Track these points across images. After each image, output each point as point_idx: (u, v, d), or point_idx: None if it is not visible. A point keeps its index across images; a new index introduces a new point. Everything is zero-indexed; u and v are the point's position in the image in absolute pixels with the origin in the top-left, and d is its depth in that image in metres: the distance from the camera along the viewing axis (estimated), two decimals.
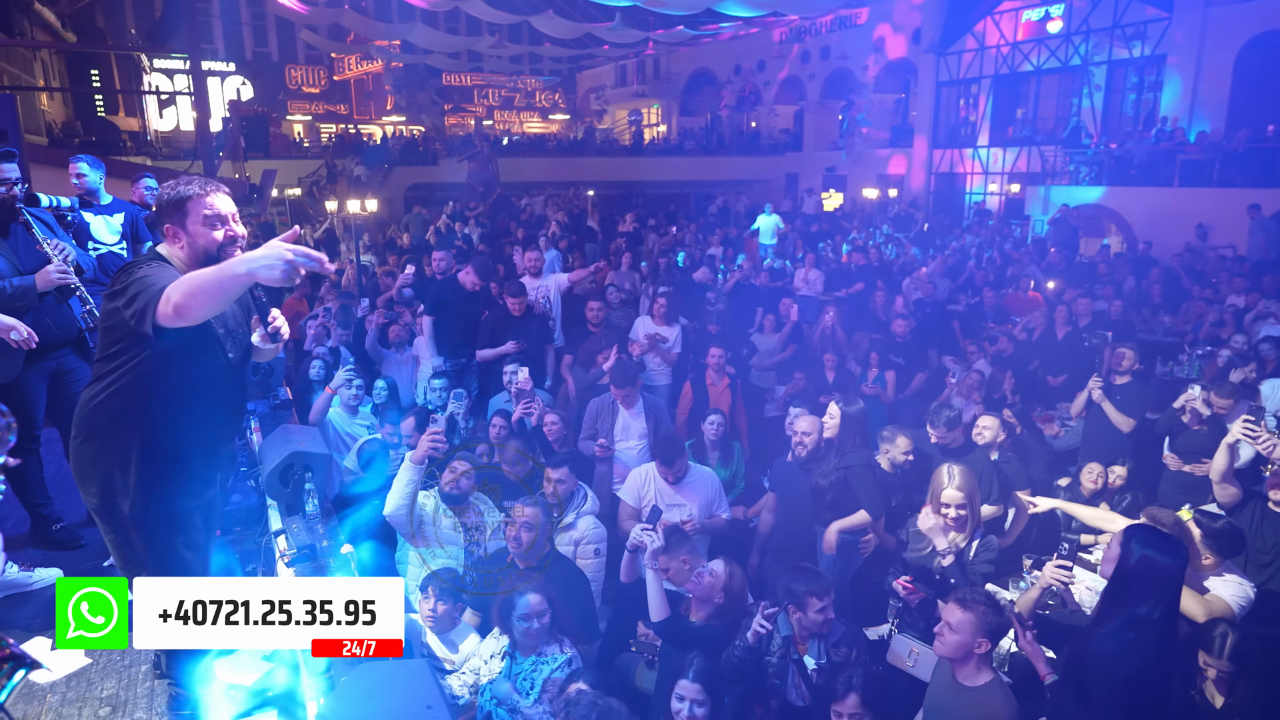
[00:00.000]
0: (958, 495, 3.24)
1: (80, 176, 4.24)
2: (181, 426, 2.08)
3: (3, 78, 20.17)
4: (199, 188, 2.14)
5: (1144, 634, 2.35)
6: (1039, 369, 7.60)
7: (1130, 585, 2.43)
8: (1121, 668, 2.35)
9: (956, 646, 2.52)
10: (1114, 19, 17.33)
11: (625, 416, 4.70)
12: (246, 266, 1.74)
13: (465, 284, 5.95)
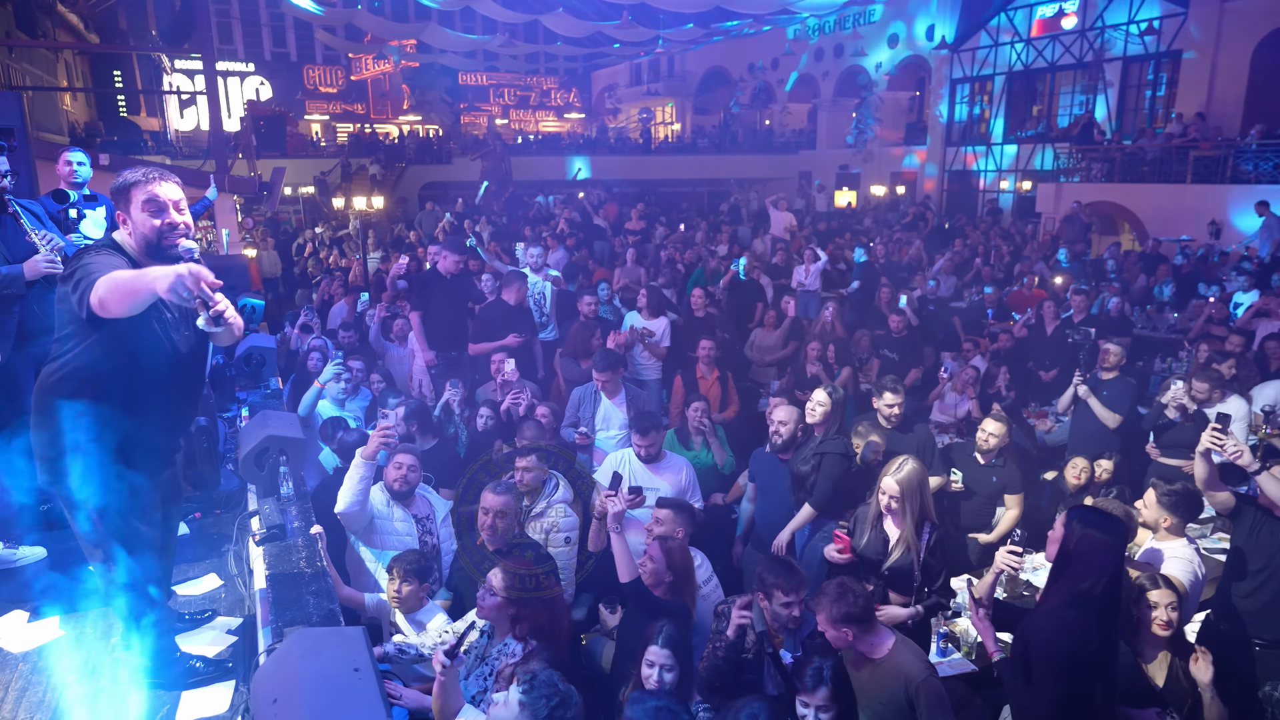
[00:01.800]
0: (893, 488, 3.26)
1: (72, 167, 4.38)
2: (131, 407, 2.17)
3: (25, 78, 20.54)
4: (142, 175, 2.22)
5: (1086, 612, 2.39)
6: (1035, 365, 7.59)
7: (1072, 563, 2.46)
8: (1062, 645, 2.38)
9: (835, 640, 2.62)
10: (1129, 14, 17.15)
11: (607, 405, 4.77)
12: (154, 279, 1.86)
13: (444, 271, 6.02)
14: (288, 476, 3.22)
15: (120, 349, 2.13)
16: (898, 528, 3.27)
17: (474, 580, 3.10)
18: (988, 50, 20.40)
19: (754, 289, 8.88)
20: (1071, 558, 2.47)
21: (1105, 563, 2.43)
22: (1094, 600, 2.40)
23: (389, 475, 3.58)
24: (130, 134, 24.50)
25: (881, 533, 3.33)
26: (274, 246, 14.20)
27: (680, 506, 3.49)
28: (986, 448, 4.58)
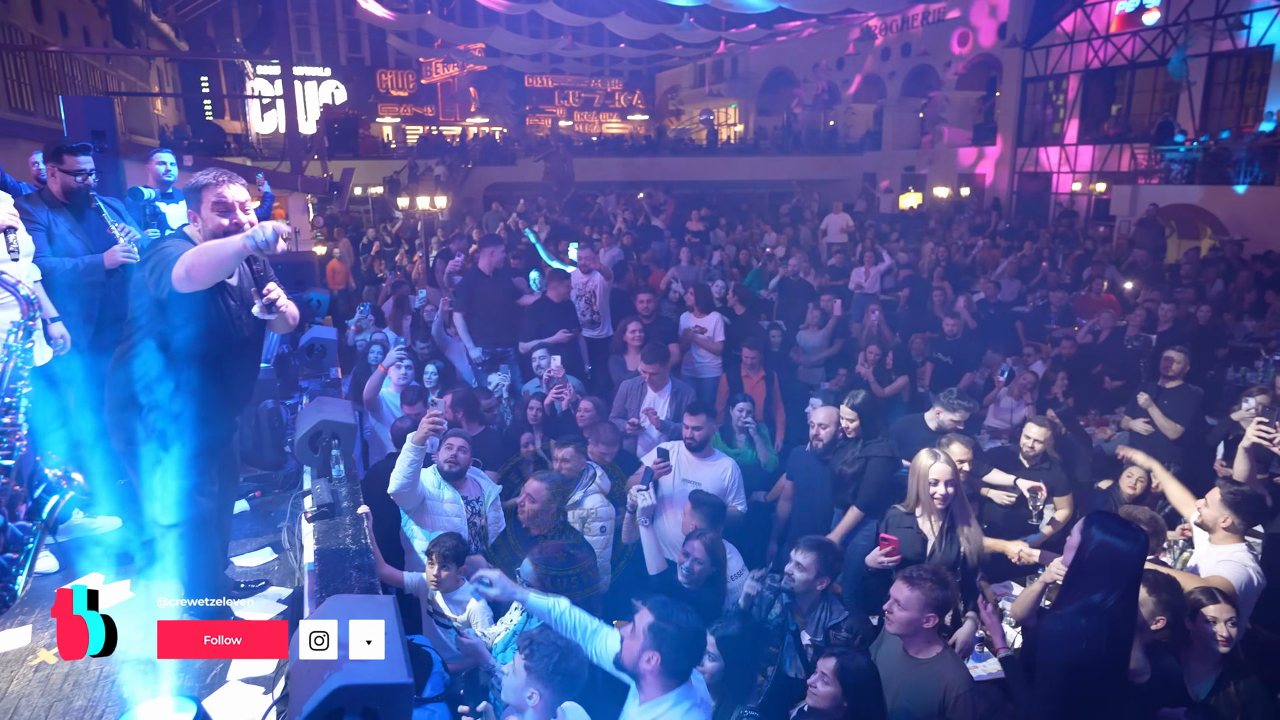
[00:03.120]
0: (945, 472, 3.23)
1: (166, 167, 4.75)
2: (195, 385, 2.36)
3: (121, 84, 21.82)
4: (212, 178, 2.44)
5: (1097, 621, 2.32)
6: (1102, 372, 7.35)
7: (1087, 572, 2.40)
8: (1066, 652, 2.33)
9: (905, 623, 2.58)
10: (1216, 8, 16.35)
11: (653, 397, 4.86)
12: (236, 238, 2.05)
13: (485, 268, 6.18)
14: (339, 459, 3.40)
15: (188, 332, 2.33)
16: (941, 520, 3.25)
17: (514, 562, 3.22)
18: (1063, 48, 19.74)
19: (805, 289, 8.83)
20: (1087, 566, 2.41)
21: (1121, 573, 2.36)
22: (1106, 611, 2.33)
23: (441, 456, 3.74)
24: (215, 136, 25.68)
25: (919, 533, 3.32)
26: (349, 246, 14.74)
27: (710, 506, 3.52)
28: (1031, 453, 4.49)
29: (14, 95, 13.72)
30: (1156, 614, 2.74)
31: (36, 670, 2.48)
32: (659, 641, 2.21)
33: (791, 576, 2.97)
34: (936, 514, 3.30)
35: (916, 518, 3.33)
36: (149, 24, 24.51)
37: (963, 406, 4.26)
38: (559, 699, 2.26)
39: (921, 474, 3.30)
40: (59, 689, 2.41)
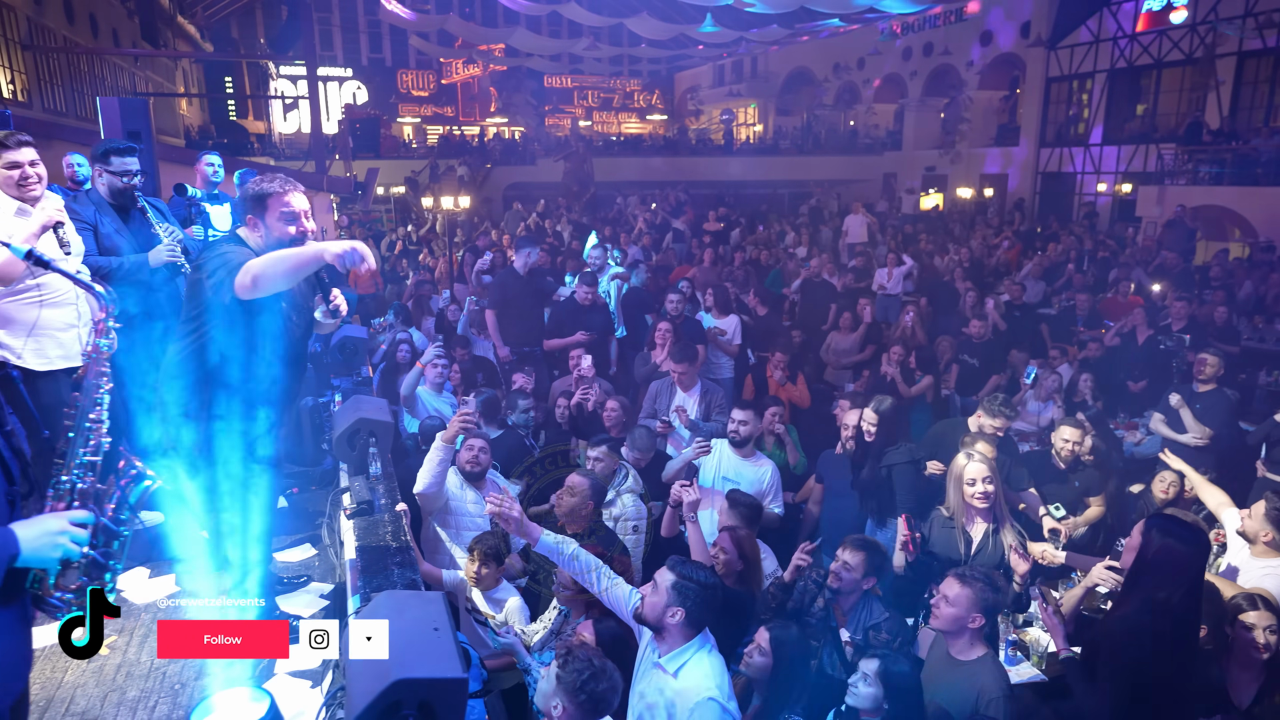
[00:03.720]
0: (983, 470, 3.23)
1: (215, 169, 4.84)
2: (247, 383, 2.41)
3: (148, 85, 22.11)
4: (279, 186, 2.47)
5: (1161, 619, 2.36)
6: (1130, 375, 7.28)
7: (1150, 572, 2.43)
8: (1133, 649, 2.36)
9: (951, 620, 2.59)
10: (1246, 6, 16.12)
11: (682, 397, 4.89)
12: (322, 249, 2.15)
13: (520, 269, 6.23)
14: (376, 457, 3.44)
15: (244, 331, 2.37)
16: (985, 521, 3.25)
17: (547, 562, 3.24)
18: (1088, 47, 19.53)
19: (827, 290, 8.81)
20: (1149, 566, 2.43)
21: (1184, 572, 2.39)
22: (1170, 609, 2.36)
23: (462, 457, 3.77)
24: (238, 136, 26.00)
25: (962, 534, 3.31)
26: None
27: (746, 506, 3.54)
28: (1064, 455, 4.46)
29: (47, 96, 13.95)
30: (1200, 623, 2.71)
31: (90, 661, 2.54)
32: (682, 598, 2.39)
33: (839, 575, 2.98)
34: (979, 515, 3.29)
35: (957, 519, 3.32)
36: (175, 25, 24.83)
37: (1003, 414, 4.25)
38: (583, 717, 2.27)
39: (957, 475, 3.30)
40: (112, 680, 2.47)
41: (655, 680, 2.46)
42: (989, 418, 4.20)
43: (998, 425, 4.19)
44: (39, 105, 13.22)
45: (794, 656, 2.61)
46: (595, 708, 2.28)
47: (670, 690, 2.40)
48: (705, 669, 2.40)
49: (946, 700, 2.62)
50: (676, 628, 2.42)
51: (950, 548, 3.28)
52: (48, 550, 1.57)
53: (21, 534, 1.53)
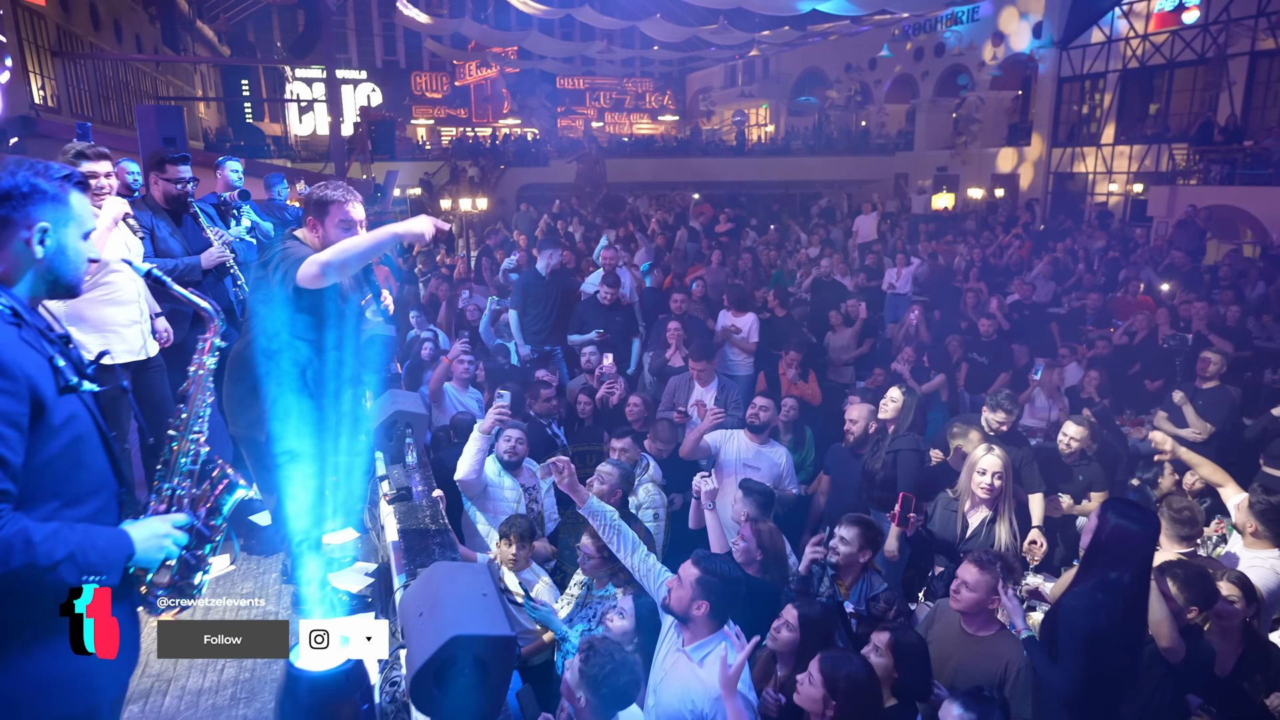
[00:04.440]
0: (996, 464, 3.40)
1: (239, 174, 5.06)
2: (302, 372, 2.63)
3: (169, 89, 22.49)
4: (342, 195, 2.68)
5: (1113, 596, 2.52)
6: (1139, 373, 7.41)
7: (1103, 552, 2.60)
8: (1086, 624, 2.52)
9: (971, 603, 2.76)
10: (1259, 6, 16.15)
11: (700, 392, 5.10)
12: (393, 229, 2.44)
13: (543, 270, 6.44)
14: (412, 446, 3.65)
15: (306, 326, 2.58)
16: (987, 509, 3.43)
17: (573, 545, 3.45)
18: (1100, 47, 19.57)
19: (837, 290, 8.97)
20: (1103, 546, 2.60)
21: (1135, 553, 2.56)
22: (1122, 587, 2.52)
23: (500, 447, 3.99)
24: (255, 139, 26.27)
25: (961, 518, 3.49)
26: None
27: (759, 494, 3.73)
28: (1068, 450, 4.62)
29: (75, 102, 14.28)
30: (1190, 604, 2.89)
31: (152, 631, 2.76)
32: (707, 592, 2.55)
33: (836, 550, 3.18)
34: (982, 503, 3.47)
35: (961, 503, 3.51)
36: (194, 30, 25.22)
37: (1004, 408, 4.41)
38: (604, 709, 2.42)
39: (972, 462, 3.48)
40: None
41: (680, 666, 2.61)
42: (991, 412, 4.37)
43: (1001, 419, 4.36)
44: (68, 111, 13.54)
45: (818, 633, 2.78)
46: (617, 700, 2.44)
47: (695, 678, 2.55)
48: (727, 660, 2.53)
49: (971, 676, 2.77)
50: (701, 619, 2.58)
51: (948, 529, 3.47)
52: (154, 551, 1.70)
53: (135, 535, 1.66)
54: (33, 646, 1.55)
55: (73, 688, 1.61)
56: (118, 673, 1.75)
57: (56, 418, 1.56)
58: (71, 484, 1.60)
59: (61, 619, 1.56)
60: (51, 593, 1.53)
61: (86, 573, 1.53)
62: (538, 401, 5.11)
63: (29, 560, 1.45)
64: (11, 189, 1.56)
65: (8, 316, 1.54)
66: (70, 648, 1.57)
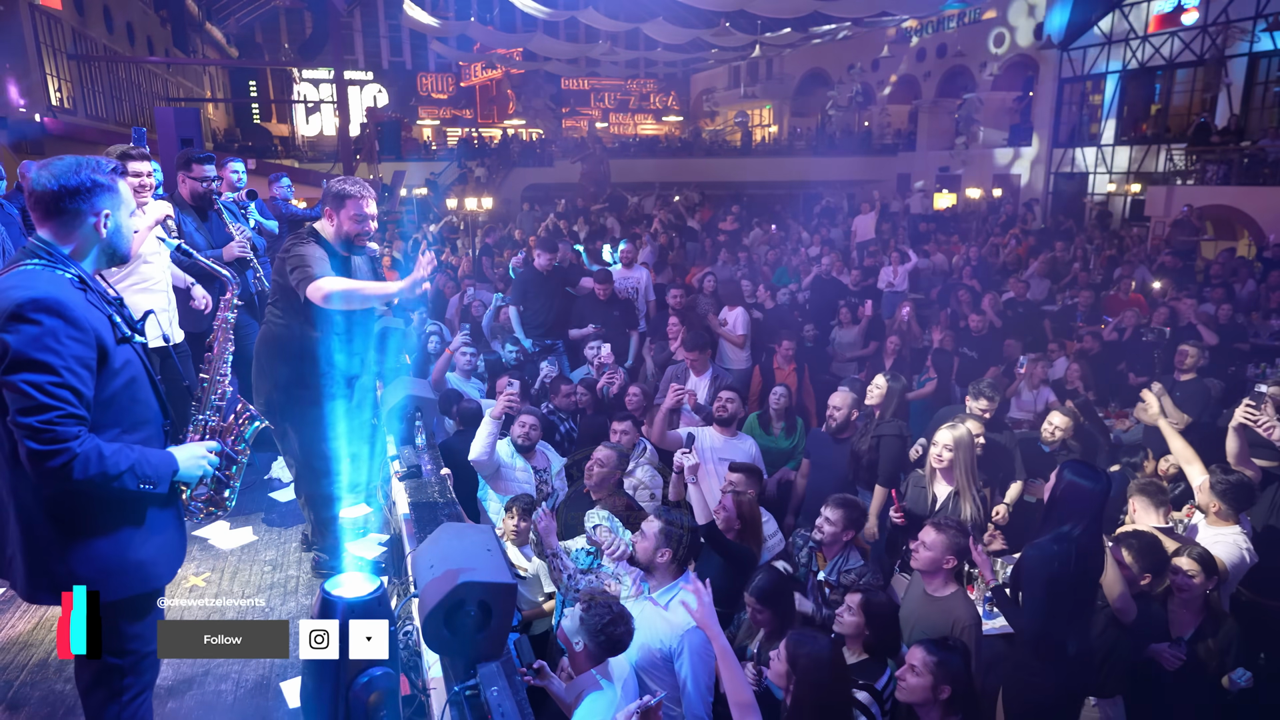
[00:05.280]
0: (947, 439, 3.64)
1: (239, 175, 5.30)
2: (322, 356, 2.89)
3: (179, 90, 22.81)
4: (359, 190, 2.98)
5: (1067, 547, 2.77)
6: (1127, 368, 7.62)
7: (1059, 508, 2.85)
8: (1045, 572, 2.79)
9: (928, 561, 2.99)
10: (1256, 7, 16.31)
11: (694, 381, 5.33)
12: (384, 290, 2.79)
13: (540, 267, 6.66)
14: (421, 428, 3.88)
15: (319, 313, 2.86)
16: (948, 484, 3.66)
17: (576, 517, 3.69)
18: (1100, 48, 19.74)
19: (837, 287, 9.18)
20: (1059, 502, 2.86)
21: (1086, 507, 2.81)
22: (1074, 539, 2.78)
23: (515, 432, 4.26)
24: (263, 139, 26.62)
25: (929, 494, 3.72)
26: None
27: (749, 470, 3.97)
28: (1051, 439, 4.82)
29: (90, 103, 14.58)
30: (1144, 571, 3.11)
31: (191, 590, 3.01)
32: (668, 541, 2.88)
33: (821, 529, 3.40)
34: (942, 476, 3.71)
35: (927, 479, 3.75)
36: (204, 31, 25.56)
37: (986, 395, 4.63)
38: (600, 654, 2.68)
39: (934, 441, 3.72)
40: (212, 603, 2.92)
41: (648, 611, 2.89)
42: (974, 400, 4.58)
43: (984, 407, 4.57)
44: (82, 111, 13.84)
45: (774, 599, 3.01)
46: (613, 647, 2.69)
47: (661, 619, 2.84)
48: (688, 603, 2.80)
49: (924, 633, 3.02)
50: (664, 567, 2.90)
51: (920, 504, 3.71)
52: (194, 469, 2.06)
53: (178, 455, 2.04)
54: (106, 539, 1.94)
55: (139, 573, 2.00)
56: (170, 564, 2.11)
57: (117, 362, 1.92)
58: (129, 415, 1.97)
59: (127, 518, 1.97)
60: (118, 496, 1.90)
61: (143, 482, 1.90)
62: (558, 396, 5.33)
63: (101, 469, 1.83)
64: (79, 185, 1.90)
65: (77, 284, 1.89)
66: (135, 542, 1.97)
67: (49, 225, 1.92)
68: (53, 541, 1.92)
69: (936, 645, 2.48)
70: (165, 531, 2.07)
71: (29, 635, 2.75)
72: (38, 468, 1.78)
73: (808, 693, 2.39)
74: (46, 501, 1.89)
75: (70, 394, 1.80)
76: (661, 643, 2.80)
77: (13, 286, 1.82)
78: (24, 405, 1.76)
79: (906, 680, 2.46)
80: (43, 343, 1.77)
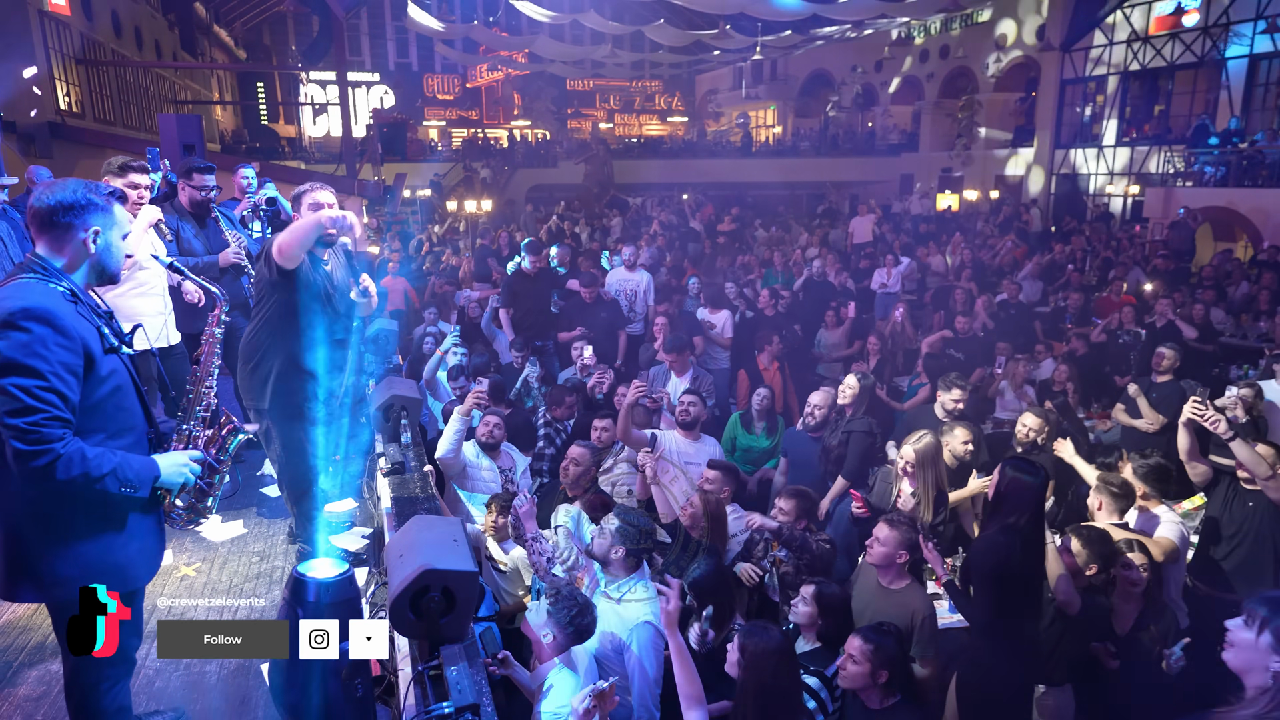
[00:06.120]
0: (910, 454, 3.79)
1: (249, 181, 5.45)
2: (303, 354, 3.07)
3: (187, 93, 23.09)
4: (308, 187, 3.27)
5: (1011, 538, 2.92)
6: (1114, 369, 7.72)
7: (1003, 501, 3.00)
8: (990, 562, 2.95)
9: (882, 556, 3.13)
10: (1257, 9, 16.35)
11: (675, 382, 5.48)
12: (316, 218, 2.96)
13: (528, 271, 6.83)
14: (407, 427, 4.04)
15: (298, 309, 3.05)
16: (912, 485, 3.81)
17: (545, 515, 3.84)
18: (1102, 49, 19.78)
19: (828, 289, 9.31)
20: (1003, 496, 3.01)
21: (1028, 500, 2.96)
22: (1019, 530, 2.92)
23: (479, 431, 4.39)
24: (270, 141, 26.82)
25: (893, 490, 3.87)
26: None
27: (727, 469, 4.11)
28: (1025, 440, 4.94)
29: (98, 107, 14.82)
30: (1090, 562, 3.24)
31: (182, 580, 3.18)
32: (623, 538, 3.01)
33: (775, 518, 3.55)
34: (907, 478, 3.85)
35: (894, 476, 3.90)
36: (211, 34, 25.83)
37: (957, 385, 4.76)
38: (567, 643, 2.84)
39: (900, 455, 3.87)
40: (200, 591, 3.11)
41: (602, 605, 3.05)
42: (944, 392, 4.73)
43: (955, 397, 4.71)
44: (91, 116, 14.08)
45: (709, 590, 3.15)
46: (580, 636, 2.86)
47: (614, 614, 2.99)
48: (642, 597, 3.00)
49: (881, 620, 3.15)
50: (619, 562, 3.04)
51: (884, 499, 3.85)
52: (175, 475, 2.19)
53: (161, 463, 2.16)
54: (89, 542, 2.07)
55: (119, 574, 2.12)
56: (149, 566, 2.26)
57: (103, 370, 2.06)
58: (113, 421, 2.10)
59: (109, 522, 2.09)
60: (100, 498, 2.02)
61: (124, 485, 2.03)
62: (560, 407, 5.45)
63: (84, 470, 1.95)
64: (74, 201, 2.06)
65: (68, 297, 2.03)
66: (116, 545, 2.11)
67: (44, 239, 2.07)
68: (38, 543, 2.03)
69: (872, 632, 2.62)
70: (145, 536, 2.20)
71: (28, 620, 2.93)
72: (23, 467, 1.90)
73: (756, 679, 2.53)
74: (32, 504, 2.00)
75: (56, 398, 1.91)
76: (613, 638, 2.96)
77: (6, 298, 1.96)
78: (12, 407, 1.88)
79: (846, 669, 2.61)
80: (31, 349, 1.90)
